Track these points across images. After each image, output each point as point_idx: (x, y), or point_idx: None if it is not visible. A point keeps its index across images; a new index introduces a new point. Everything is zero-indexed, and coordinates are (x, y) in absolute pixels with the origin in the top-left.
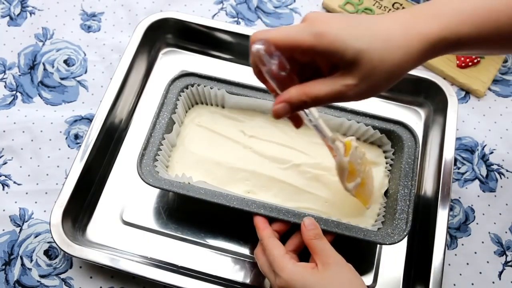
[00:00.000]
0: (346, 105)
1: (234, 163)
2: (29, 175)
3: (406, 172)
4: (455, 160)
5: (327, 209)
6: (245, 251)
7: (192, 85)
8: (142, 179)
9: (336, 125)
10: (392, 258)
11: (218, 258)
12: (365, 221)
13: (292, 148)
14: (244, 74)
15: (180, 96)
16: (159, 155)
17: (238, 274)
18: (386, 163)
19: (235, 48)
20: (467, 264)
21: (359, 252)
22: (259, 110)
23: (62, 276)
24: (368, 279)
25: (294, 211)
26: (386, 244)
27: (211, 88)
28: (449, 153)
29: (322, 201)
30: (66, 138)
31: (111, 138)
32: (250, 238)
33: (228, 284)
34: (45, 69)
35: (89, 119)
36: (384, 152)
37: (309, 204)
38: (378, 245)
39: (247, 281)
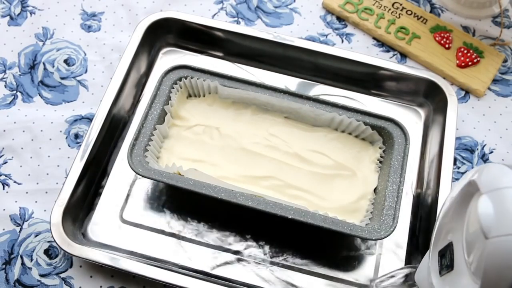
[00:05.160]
0: (338, 100)
1: (227, 149)
2: (29, 175)
3: (395, 168)
4: (455, 159)
5: (318, 203)
6: (246, 250)
7: (186, 78)
8: (132, 169)
9: (327, 120)
10: (393, 257)
11: (218, 257)
12: (354, 217)
13: (284, 140)
14: (243, 72)
15: (173, 88)
16: (150, 146)
17: (238, 273)
18: (377, 160)
19: (235, 48)
20: None
21: (359, 251)
22: (252, 102)
23: (62, 275)
24: (367, 278)
25: (282, 204)
26: (373, 240)
27: (204, 81)
28: (449, 153)
29: (312, 194)
30: (66, 138)
31: (111, 137)
32: (251, 236)
33: (228, 284)
34: (45, 68)
35: (89, 119)
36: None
37: (300, 199)
38: (379, 244)
39: (248, 281)
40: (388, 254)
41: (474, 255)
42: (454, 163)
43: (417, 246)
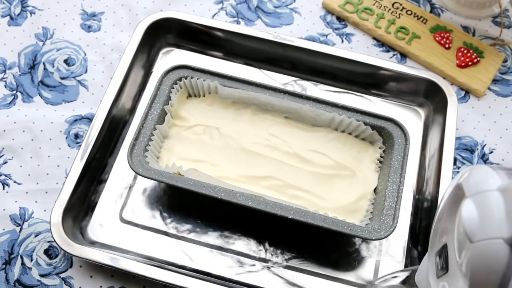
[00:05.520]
0: (338, 100)
1: (227, 149)
2: (29, 175)
3: (395, 168)
4: (455, 159)
5: (318, 203)
6: (246, 250)
7: (186, 78)
8: (132, 169)
9: (327, 120)
10: (393, 257)
11: (218, 257)
12: (354, 217)
13: (284, 140)
14: (242, 72)
15: (173, 88)
16: (150, 146)
17: (238, 273)
18: (377, 160)
19: (235, 48)
20: None
21: (359, 251)
22: (252, 102)
23: (62, 275)
24: (367, 278)
25: (282, 204)
26: (372, 240)
27: (204, 81)
28: (449, 153)
29: (312, 194)
30: (66, 138)
31: (111, 137)
32: (251, 236)
33: (228, 284)
34: (45, 68)
35: (89, 119)
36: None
37: (300, 199)
38: (379, 244)
39: (248, 280)
40: (388, 254)
41: (463, 257)
42: (454, 163)
43: (417, 246)
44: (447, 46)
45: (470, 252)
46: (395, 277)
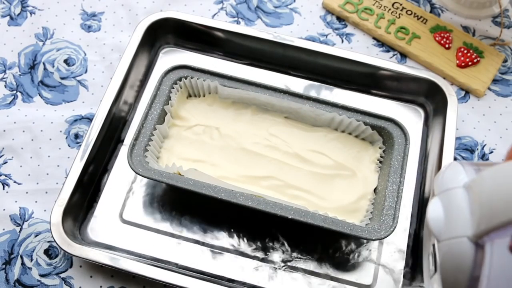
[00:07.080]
0: (338, 100)
1: (227, 149)
2: (29, 175)
3: (395, 168)
4: (455, 159)
5: (318, 203)
6: (246, 250)
7: (186, 78)
8: (132, 169)
9: (327, 120)
10: (393, 257)
11: (218, 257)
12: (354, 217)
13: (284, 140)
14: (242, 72)
15: (173, 88)
16: (150, 146)
17: (238, 273)
18: (377, 160)
19: (235, 47)
20: None
21: (359, 251)
22: (252, 103)
23: (62, 275)
24: (367, 278)
25: (282, 204)
26: (372, 240)
27: (204, 81)
28: (449, 153)
29: (312, 194)
30: (66, 138)
31: (111, 137)
32: (251, 236)
33: (228, 283)
34: (45, 68)
35: (89, 119)
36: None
37: (300, 199)
38: (378, 245)
39: (248, 280)
40: (388, 254)
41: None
42: None
43: (417, 246)
44: (447, 46)
45: (439, 251)
46: None
